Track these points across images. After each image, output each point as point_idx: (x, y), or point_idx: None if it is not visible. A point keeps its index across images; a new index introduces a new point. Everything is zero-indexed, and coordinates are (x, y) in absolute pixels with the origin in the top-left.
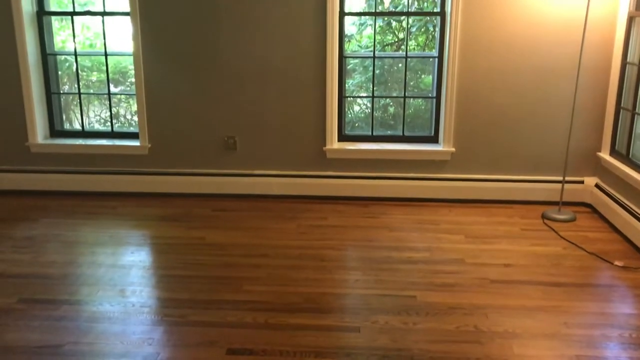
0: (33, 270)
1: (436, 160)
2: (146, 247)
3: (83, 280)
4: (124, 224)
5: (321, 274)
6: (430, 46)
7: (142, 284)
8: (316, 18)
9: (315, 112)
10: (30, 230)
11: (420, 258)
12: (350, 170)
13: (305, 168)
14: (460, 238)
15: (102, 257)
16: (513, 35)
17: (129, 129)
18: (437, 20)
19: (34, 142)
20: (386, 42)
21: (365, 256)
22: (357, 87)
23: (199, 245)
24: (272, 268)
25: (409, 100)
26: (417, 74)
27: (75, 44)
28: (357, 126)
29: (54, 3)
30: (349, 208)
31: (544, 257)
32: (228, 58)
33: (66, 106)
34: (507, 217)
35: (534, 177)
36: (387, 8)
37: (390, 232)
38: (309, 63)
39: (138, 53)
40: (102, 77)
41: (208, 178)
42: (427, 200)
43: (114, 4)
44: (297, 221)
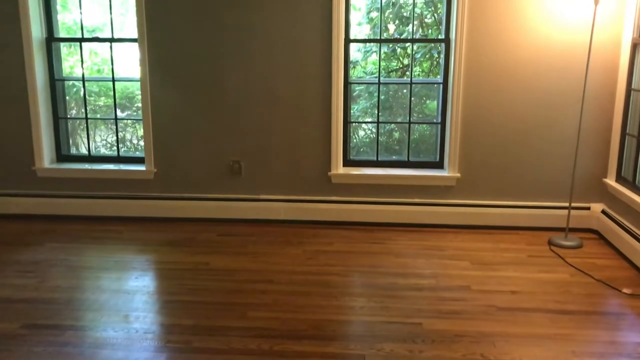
0: (38, 295)
1: (441, 185)
2: (151, 272)
3: (87, 305)
4: (129, 249)
5: (327, 301)
6: (434, 72)
7: (146, 309)
8: (322, 45)
9: (320, 137)
10: (35, 255)
11: (426, 285)
12: (356, 195)
13: (311, 193)
14: (466, 264)
15: (106, 282)
16: (517, 62)
17: (134, 153)
18: (442, 47)
19: (40, 166)
20: (391, 68)
21: (371, 282)
22: (362, 112)
23: (203, 270)
24: (277, 294)
25: (413, 126)
26: (422, 100)
27: (83, 69)
28: (362, 151)
29: (63, 29)
30: (354, 233)
31: (551, 284)
32: (234, 84)
33: (73, 131)
34: (513, 243)
35: (540, 203)
36: (392, 35)
37: (396, 258)
38: (314, 89)
39: (145, 78)
40: (109, 102)
41: (213, 203)
42: (433, 226)
43: (122, 31)
44: (303, 246)
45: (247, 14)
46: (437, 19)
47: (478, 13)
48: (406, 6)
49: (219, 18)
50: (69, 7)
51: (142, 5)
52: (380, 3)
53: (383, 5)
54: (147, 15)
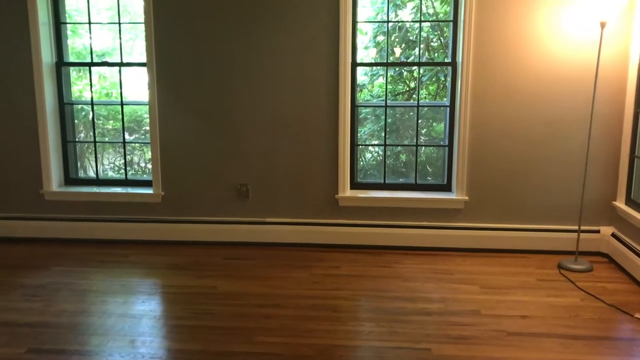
0: (43, 319)
1: (449, 208)
2: (157, 296)
3: (93, 330)
4: (135, 273)
5: (334, 325)
6: (441, 95)
7: (152, 334)
8: (329, 68)
9: (327, 160)
10: (42, 279)
11: (434, 309)
12: (363, 218)
13: (318, 216)
14: (475, 288)
15: (113, 307)
16: (525, 85)
17: (142, 176)
18: (449, 70)
19: (48, 189)
20: (397, 91)
21: (379, 307)
22: (369, 135)
23: (210, 294)
24: (284, 319)
25: (421, 148)
26: (428, 122)
27: (92, 93)
28: (369, 174)
29: (73, 54)
30: (361, 257)
31: (561, 309)
32: (241, 107)
33: (81, 154)
34: (523, 267)
35: (549, 226)
36: (399, 58)
37: (404, 282)
38: (321, 112)
39: (153, 102)
40: (118, 126)
41: (220, 226)
42: (441, 249)
43: (131, 55)
44: (310, 270)
45: (254, 38)
46: (444, 42)
47: (484, 36)
48: (412, 30)
49: (227, 42)
50: (78, 32)
51: (151, 31)
52: (386, 27)
53: (389, 29)
54: (156, 40)
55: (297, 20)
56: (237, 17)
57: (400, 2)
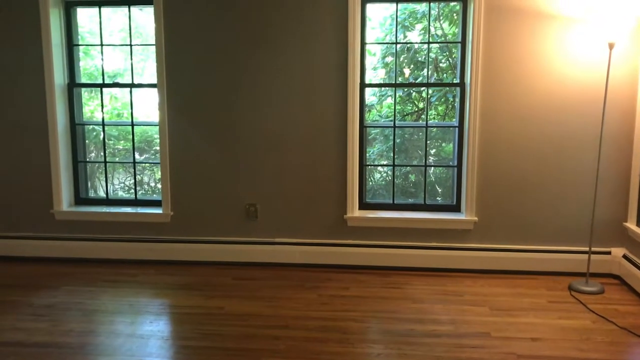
0: (51, 339)
1: (459, 229)
2: (165, 316)
3: (101, 350)
4: (143, 293)
5: (343, 347)
6: (450, 115)
7: (160, 355)
8: (337, 89)
9: (336, 181)
10: (50, 298)
11: (444, 331)
12: (372, 238)
13: (326, 236)
14: (485, 310)
15: (121, 327)
16: (534, 105)
17: (152, 196)
18: (457, 91)
19: (58, 209)
20: (406, 112)
21: (388, 329)
22: (377, 155)
23: (218, 315)
24: (292, 340)
25: (429, 169)
26: (437, 143)
27: (103, 114)
28: (377, 194)
29: (85, 75)
30: (370, 278)
31: (572, 331)
32: (250, 128)
33: (92, 174)
34: (533, 288)
35: (559, 247)
36: (407, 79)
37: (413, 303)
38: (330, 133)
39: (164, 123)
40: (128, 146)
41: (229, 246)
42: (450, 270)
43: (142, 76)
44: (318, 291)
45: (264, 60)
46: (452, 63)
47: (492, 57)
48: (421, 51)
49: (236, 63)
50: (90, 54)
51: (161, 52)
52: (395, 48)
53: (398, 50)
54: (167, 61)
55: (305, 41)
56: (246, 39)
57: (409, 23)
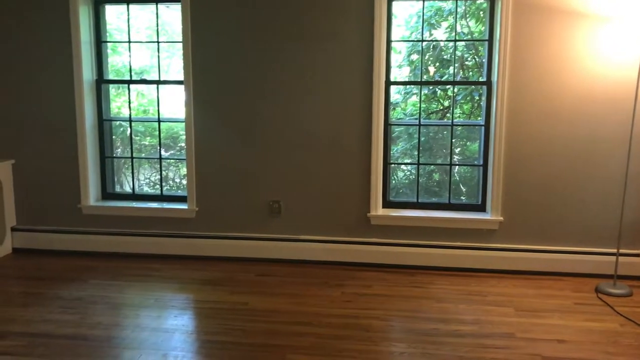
0: (79, 331)
1: (484, 229)
2: (190, 311)
3: (127, 343)
4: (169, 287)
5: (366, 345)
6: (475, 114)
7: (184, 349)
8: (362, 87)
9: (360, 178)
10: (78, 291)
11: (468, 331)
12: (395, 237)
13: (350, 234)
14: (510, 311)
15: (146, 320)
16: (562, 104)
17: (177, 192)
18: (483, 89)
19: (86, 204)
20: (431, 110)
21: (411, 328)
22: (401, 153)
23: (242, 310)
24: (316, 337)
25: (454, 167)
26: (462, 141)
27: (130, 110)
28: (401, 192)
29: (112, 72)
30: (394, 276)
31: (599, 334)
32: (275, 125)
33: (118, 169)
34: (559, 290)
35: (586, 248)
36: (433, 77)
37: (437, 303)
38: (354, 130)
39: (189, 119)
40: (154, 142)
41: (253, 242)
42: (475, 270)
43: (168, 73)
44: (342, 289)
45: (289, 56)
46: (478, 61)
47: (520, 55)
48: (447, 49)
49: (262, 60)
50: (118, 51)
51: (188, 49)
52: (421, 46)
53: (424, 48)
54: (193, 58)
55: (331, 39)
56: (272, 36)
57: (435, 21)
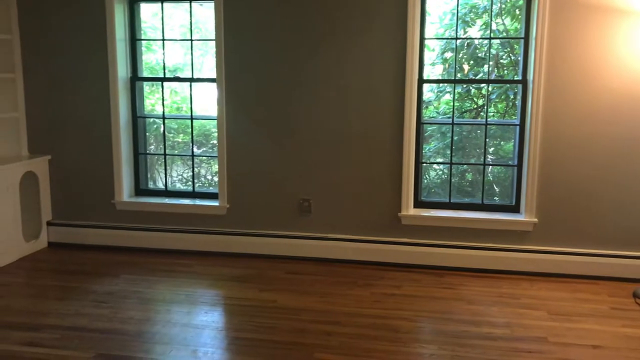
0: (111, 325)
1: (517, 230)
2: (219, 307)
3: (158, 338)
4: (199, 283)
5: (395, 346)
6: (510, 113)
7: (214, 345)
8: (394, 85)
9: (391, 178)
10: (111, 286)
11: (499, 334)
12: (426, 237)
13: (380, 234)
14: (543, 314)
15: (177, 316)
16: (600, 104)
17: (208, 189)
18: (519, 88)
19: (119, 199)
20: (465, 109)
21: (441, 329)
22: (434, 152)
23: (270, 308)
24: (344, 336)
25: (488, 168)
26: (496, 141)
27: (163, 107)
28: (433, 192)
29: (147, 69)
30: (424, 277)
31: (637, 340)
32: (306, 123)
33: (151, 166)
34: (594, 294)
35: (624, 252)
36: (467, 75)
37: (468, 304)
38: (386, 129)
39: (222, 117)
40: (187, 139)
41: (282, 240)
42: (507, 272)
43: (201, 71)
44: (371, 289)
45: (322, 54)
46: (514, 59)
47: (557, 54)
48: (481, 47)
49: (294, 58)
50: (152, 48)
51: (221, 48)
52: (455, 43)
53: (458, 46)
54: (226, 56)
55: (364, 36)
56: (305, 33)
57: (470, 19)
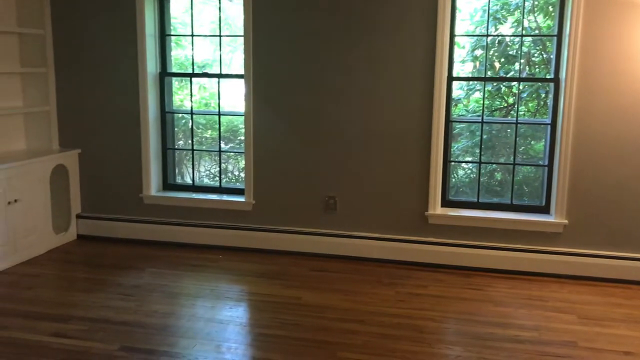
0: (136, 318)
1: (547, 232)
2: (244, 303)
3: (182, 332)
4: (224, 278)
5: (419, 347)
6: (541, 112)
7: (237, 341)
8: (423, 82)
9: (418, 176)
10: (137, 279)
11: (527, 337)
12: (453, 237)
13: (406, 233)
14: (572, 318)
15: (201, 311)
16: (633, 104)
17: (235, 184)
18: (550, 87)
19: (147, 193)
20: (495, 107)
21: (467, 331)
22: (462, 151)
23: (295, 305)
24: (368, 335)
25: (518, 167)
26: (527, 140)
27: (192, 103)
28: (461, 191)
29: (176, 65)
30: (450, 277)
31: None
32: (333, 120)
33: (179, 161)
34: (626, 298)
35: None
36: (497, 73)
37: (495, 306)
38: (413, 126)
39: (249, 113)
40: (215, 135)
41: (307, 237)
42: (536, 274)
43: (230, 67)
44: (396, 288)
45: (349, 50)
46: (546, 57)
47: (591, 52)
48: (513, 44)
49: (322, 55)
50: (182, 44)
51: (249, 44)
52: (485, 41)
53: (488, 43)
54: (254, 53)
55: (392, 33)
56: (333, 31)
57: (501, 16)
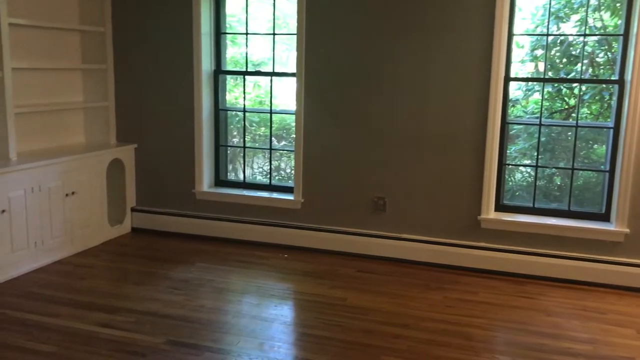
0: (183, 313)
1: (606, 241)
2: (289, 301)
3: (227, 328)
4: (271, 276)
5: (466, 355)
6: (605, 115)
7: (281, 339)
8: (479, 82)
9: (471, 178)
10: (186, 273)
11: (581, 350)
12: (506, 243)
13: (457, 237)
14: (631, 333)
15: (247, 307)
16: None
17: (286, 182)
18: (615, 89)
19: (199, 189)
20: (554, 109)
21: (517, 340)
22: (519, 153)
23: (340, 306)
24: (413, 341)
25: (577, 172)
26: (588, 144)
27: (244, 100)
28: (517, 195)
29: (231, 63)
30: (501, 284)
31: None
32: (384, 120)
33: (232, 158)
34: None
35: None
36: (558, 74)
37: (547, 316)
38: (468, 127)
39: (300, 112)
40: (268, 132)
41: (355, 237)
42: (593, 284)
43: (286, 66)
44: (444, 293)
45: (404, 50)
46: (611, 58)
47: None
48: (576, 44)
49: (375, 54)
50: (237, 42)
51: (302, 42)
52: (546, 40)
53: (549, 43)
54: (307, 51)
55: (448, 32)
56: (387, 30)
57: (564, 14)
